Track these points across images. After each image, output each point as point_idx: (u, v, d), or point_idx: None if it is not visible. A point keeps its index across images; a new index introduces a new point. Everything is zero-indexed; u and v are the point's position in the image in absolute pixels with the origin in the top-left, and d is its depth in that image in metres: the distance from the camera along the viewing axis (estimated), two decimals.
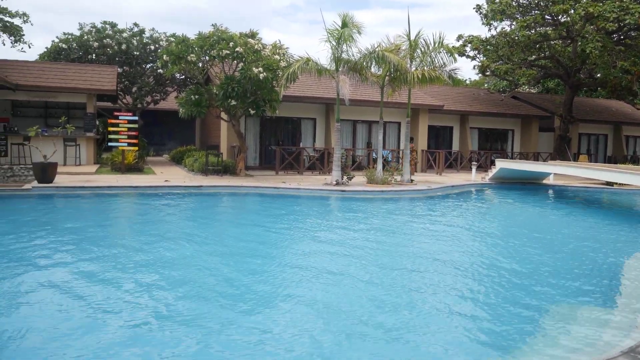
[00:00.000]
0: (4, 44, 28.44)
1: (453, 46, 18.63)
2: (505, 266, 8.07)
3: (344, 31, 17.15)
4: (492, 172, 20.55)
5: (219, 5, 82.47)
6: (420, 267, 7.81)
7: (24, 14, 22.29)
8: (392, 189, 16.72)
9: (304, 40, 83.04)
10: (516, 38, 24.98)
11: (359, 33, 17.52)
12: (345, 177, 17.75)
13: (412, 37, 18.55)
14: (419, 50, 18.78)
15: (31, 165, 16.67)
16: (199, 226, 11.10)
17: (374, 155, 23.17)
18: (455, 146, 28.31)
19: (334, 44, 17.60)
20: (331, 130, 23.06)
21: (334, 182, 17.21)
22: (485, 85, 42.19)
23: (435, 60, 18.74)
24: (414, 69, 18.56)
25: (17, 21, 22.11)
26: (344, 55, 17.78)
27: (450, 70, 18.96)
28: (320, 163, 22.07)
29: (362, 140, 25.24)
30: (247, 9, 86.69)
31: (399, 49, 18.50)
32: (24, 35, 22.61)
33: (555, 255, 8.97)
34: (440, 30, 55.64)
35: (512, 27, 26.17)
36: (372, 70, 18.92)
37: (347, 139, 24.44)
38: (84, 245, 8.66)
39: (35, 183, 14.82)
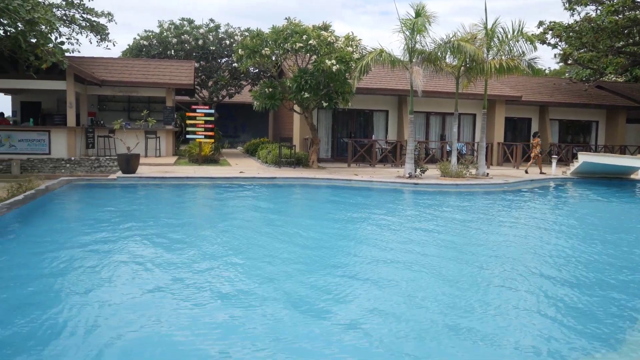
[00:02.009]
0: (91, 42, 30.09)
1: (533, 34, 17.85)
2: (602, 268, 7.65)
3: (418, 20, 16.83)
4: (574, 166, 19.59)
5: None
6: (502, 265, 7.55)
7: (109, 14, 23.38)
8: (467, 183, 16.30)
9: (374, 32, 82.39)
10: (602, 23, 23.60)
11: (432, 23, 17.16)
12: (418, 170, 17.49)
13: (489, 26, 17.97)
14: (496, 39, 18.17)
15: (116, 157, 17.57)
16: (274, 216, 11.26)
17: (447, 147, 22.69)
18: None
19: (408, 34, 17.32)
20: (404, 123, 22.78)
21: (407, 175, 16.99)
22: (567, 74, 40.21)
23: (514, 49, 18.08)
24: (490, 58, 17.97)
25: (102, 20, 23.24)
26: (417, 46, 17.48)
27: (529, 60, 18.22)
28: (393, 156, 21.86)
29: (436, 132, 24.76)
30: (317, 1, 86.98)
31: (475, 38, 17.97)
32: (109, 33, 23.72)
33: None
34: (518, 17, 53.60)
35: (598, 12, 24.75)
36: (447, 60, 18.51)
37: (420, 131, 24.05)
38: (168, 232, 9.02)
39: (119, 173, 15.58)
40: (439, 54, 17.67)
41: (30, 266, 6.77)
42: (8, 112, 22.62)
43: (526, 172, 19.98)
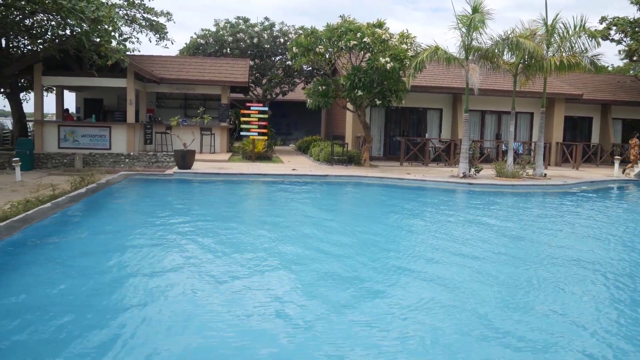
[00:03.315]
0: (150, 41, 30.93)
1: (595, 29, 17.16)
2: None
3: (475, 17, 16.48)
4: (639, 167, 18.72)
5: None
6: (565, 270, 7.30)
7: (168, 13, 23.94)
8: (524, 183, 15.85)
9: (426, 29, 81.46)
10: None
11: (489, 19, 16.76)
12: (472, 170, 17.14)
13: (549, 22, 17.42)
14: (556, 36, 17.60)
15: (172, 153, 18.04)
16: (327, 214, 11.28)
17: (503, 147, 22.15)
18: (595, 138, 26.13)
19: (464, 31, 17.00)
20: (458, 121, 22.39)
21: (461, 175, 16.68)
22: (631, 72, 38.45)
23: (575, 45, 17.46)
24: (550, 55, 17.40)
25: (161, 20, 23.83)
26: (474, 43, 17.12)
27: (592, 56, 17.55)
28: (446, 155, 21.52)
29: (491, 131, 24.19)
30: None
31: (534, 34, 17.43)
32: (167, 32, 24.30)
33: None
34: (580, 12, 51.64)
35: None
36: (504, 57, 18.05)
37: (475, 130, 23.57)
38: (223, 226, 9.19)
39: (176, 169, 15.99)
40: (496, 51, 17.25)
41: (96, 256, 7.05)
42: (72, 109, 23.58)
43: (624, 172, 19.19)
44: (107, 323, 4.85)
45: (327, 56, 19.10)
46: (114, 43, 14.79)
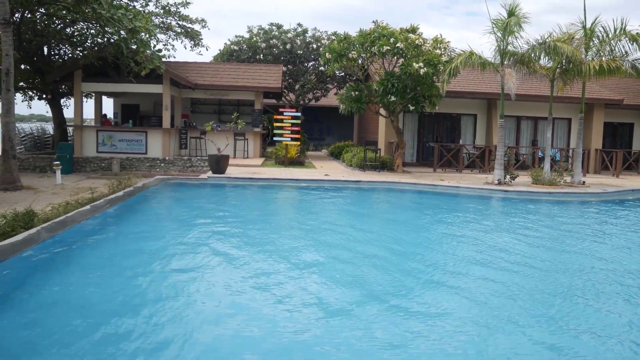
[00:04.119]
0: (185, 48, 31.46)
1: (637, 32, 16.69)
2: None
3: (511, 20, 16.25)
4: None
5: (375, 2, 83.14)
6: (608, 284, 7.10)
7: (203, 20, 24.29)
8: (561, 191, 15.50)
9: (460, 33, 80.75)
10: None
11: (524, 23, 16.49)
12: (507, 177, 16.85)
13: (588, 25, 17.01)
14: (595, 39, 17.18)
15: (206, 157, 18.27)
16: (361, 220, 11.24)
17: (539, 153, 21.73)
18: (636, 145, 25.37)
19: (499, 35, 16.77)
20: (493, 127, 22.07)
21: (496, 182, 16.42)
22: None
23: (615, 49, 17.00)
24: (589, 59, 17.01)
25: (196, 27, 24.19)
26: (509, 47, 16.87)
27: (633, 60, 17.08)
28: (481, 161, 21.22)
29: (527, 137, 23.77)
30: (403, 4, 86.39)
31: (572, 38, 17.06)
32: (202, 39, 24.67)
33: None
34: (620, 14, 50.49)
35: None
36: (541, 62, 17.72)
37: (510, 136, 23.19)
38: (256, 231, 9.25)
39: (209, 173, 16.18)
40: (532, 55, 16.95)
41: (133, 256, 7.17)
42: (110, 114, 24.14)
43: None
44: (150, 319, 4.92)
45: (359, 62, 19.09)
46: (150, 51, 15.09)
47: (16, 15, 16.87)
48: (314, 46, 26.91)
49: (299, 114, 21.11)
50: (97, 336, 4.58)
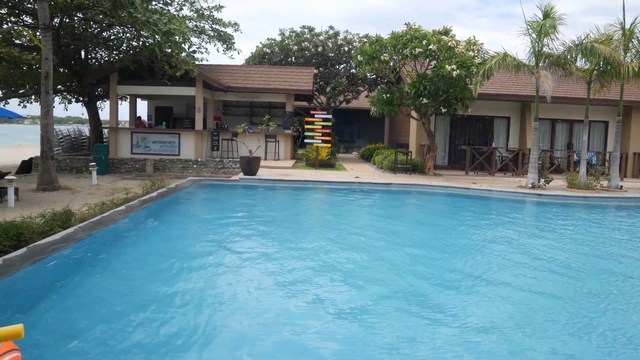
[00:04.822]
0: (218, 51, 31.85)
1: None
2: None
3: (546, 22, 15.95)
4: None
5: (406, 4, 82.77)
6: None
7: (235, 24, 24.54)
8: (597, 195, 15.13)
9: (493, 35, 79.83)
10: None
11: (560, 24, 16.16)
12: (542, 180, 16.53)
13: (627, 25, 16.59)
14: (635, 40, 16.74)
15: (238, 159, 18.42)
16: (392, 222, 11.18)
17: (575, 157, 21.26)
18: None
19: (534, 37, 16.47)
20: (527, 130, 21.70)
21: (530, 185, 16.13)
22: None
23: None
24: (628, 61, 16.58)
25: (229, 30, 24.45)
26: (544, 49, 16.56)
27: None
28: (514, 164, 20.87)
29: (562, 140, 23.27)
30: (433, 6, 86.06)
31: (610, 39, 16.65)
32: (234, 42, 24.92)
33: None
34: None
35: None
36: (577, 64, 17.34)
37: (545, 139, 22.75)
38: (289, 231, 9.29)
39: (241, 175, 16.32)
40: (568, 57, 16.60)
41: (167, 255, 7.28)
42: (144, 116, 24.57)
43: None
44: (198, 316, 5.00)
45: (391, 64, 19.01)
46: (183, 54, 15.33)
47: (55, 20, 17.35)
48: (346, 49, 26.92)
49: (330, 116, 21.13)
50: (122, 324, 4.68)
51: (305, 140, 21.06)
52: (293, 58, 27.25)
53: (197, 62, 19.67)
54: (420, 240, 9.36)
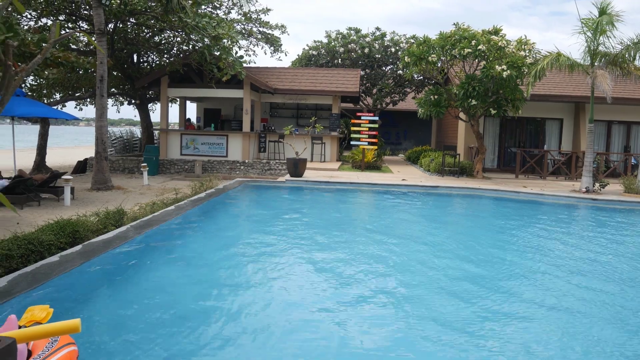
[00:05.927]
0: (265, 53, 32.15)
1: None
2: None
3: (602, 19, 15.38)
4: None
5: (453, 4, 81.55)
6: None
7: (282, 26, 24.77)
8: None
9: (544, 34, 77.68)
10: None
11: (618, 22, 15.54)
12: (597, 185, 15.94)
13: None
14: None
15: (285, 161, 18.55)
16: (440, 226, 11.01)
17: (632, 160, 20.41)
18: None
19: (589, 35, 15.92)
20: (581, 132, 21.01)
21: (584, 190, 15.58)
22: None
23: None
24: None
25: (276, 33, 24.70)
26: (600, 48, 15.98)
27: None
28: (567, 168, 20.21)
29: (618, 143, 22.40)
30: (482, 5, 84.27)
31: None
32: (281, 45, 25.13)
33: None
34: None
35: None
36: (636, 63, 16.64)
37: (600, 141, 21.95)
38: (336, 232, 9.27)
39: (287, 176, 16.41)
40: (626, 55, 15.96)
41: (217, 254, 7.38)
42: (194, 118, 25.06)
43: None
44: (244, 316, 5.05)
45: (439, 65, 18.75)
46: (231, 59, 15.57)
47: (110, 25, 17.92)
48: (392, 50, 26.74)
49: (376, 118, 21.01)
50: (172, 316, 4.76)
51: (352, 142, 21.01)
52: (339, 60, 27.26)
53: (244, 65, 19.95)
54: (469, 245, 9.15)
